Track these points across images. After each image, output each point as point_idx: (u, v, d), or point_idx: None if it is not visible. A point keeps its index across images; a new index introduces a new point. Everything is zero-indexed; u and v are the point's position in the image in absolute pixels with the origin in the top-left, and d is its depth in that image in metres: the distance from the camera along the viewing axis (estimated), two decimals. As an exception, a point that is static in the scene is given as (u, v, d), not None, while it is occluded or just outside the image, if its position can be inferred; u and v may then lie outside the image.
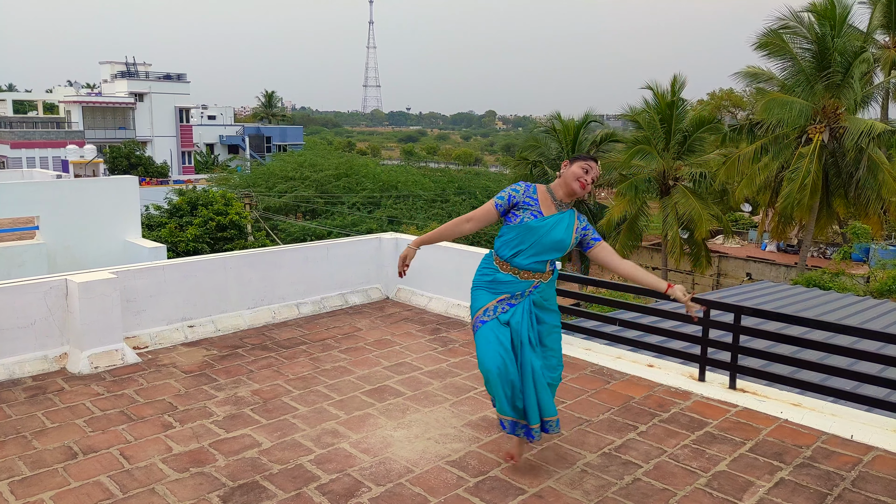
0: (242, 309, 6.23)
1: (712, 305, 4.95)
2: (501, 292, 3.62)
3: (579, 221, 3.66)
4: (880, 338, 4.32)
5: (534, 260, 3.58)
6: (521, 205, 3.61)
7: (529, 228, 3.56)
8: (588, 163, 3.62)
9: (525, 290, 3.61)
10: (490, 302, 3.62)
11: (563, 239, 3.59)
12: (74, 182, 12.86)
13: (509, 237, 3.62)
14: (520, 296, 3.61)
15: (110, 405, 4.54)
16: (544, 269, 3.64)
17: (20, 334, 5.03)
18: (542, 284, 3.65)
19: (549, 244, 3.57)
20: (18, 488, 3.53)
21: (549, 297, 3.73)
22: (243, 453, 3.92)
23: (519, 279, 3.60)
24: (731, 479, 3.72)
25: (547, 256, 3.61)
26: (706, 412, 4.56)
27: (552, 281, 3.73)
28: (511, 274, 3.60)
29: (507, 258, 3.61)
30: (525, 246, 3.58)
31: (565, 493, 3.57)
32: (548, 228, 3.57)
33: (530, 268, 3.59)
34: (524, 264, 3.59)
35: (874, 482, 3.70)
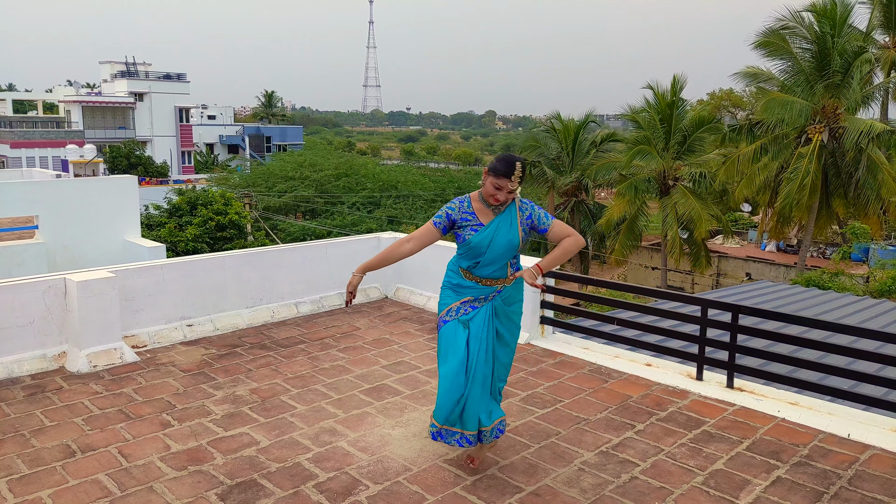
0: (241, 308, 6.23)
1: (710, 305, 4.97)
2: (465, 295, 3.65)
3: (521, 213, 3.64)
4: (878, 337, 4.33)
5: (493, 269, 3.61)
6: (460, 222, 3.61)
7: (477, 244, 3.56)
8: (500, 180, 3.50)
9: (488, 294, 3.64)
10: (454, 303, 3.66)
11: (510, 239, 3.58)
12: (74, 182, 12.87)
13: (463, 252, 3.65)
14: (483, 299, 3.64)
15: (109, 404, 4.55)
16: (505, 274, 3.65)
17: (19, 333, 5.04)
18: (505, 288, 3.67)
19: (500, 250, 3.56)
20: (17, 486, 3.54)
21: (514, 302, 3.74)
22: (241, 452, 3.93)
23: (482, 286, 3.63)
24: (728, 477, 3.73)
25: (504, 261, 3.61)
26: (703, 411, 4.57)
27: (517, 282, 3.73)
28: (474, 282, 3.64)
29: (468, 268, 3.64)
30: (479, 259, 3.59)
31: (562, 491, 3.58)
32: (491, 236, 3.56)
33: (492, 276, 3.62)
34: (485, 274, 3.61)
35: (870, 480, 3.70)
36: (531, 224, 3.66)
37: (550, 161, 29.80)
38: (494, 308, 3.65)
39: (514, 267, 3.68)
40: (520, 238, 3.60)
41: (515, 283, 3.73)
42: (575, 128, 29.89)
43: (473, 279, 3.63)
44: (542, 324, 5.98)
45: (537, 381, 5.07)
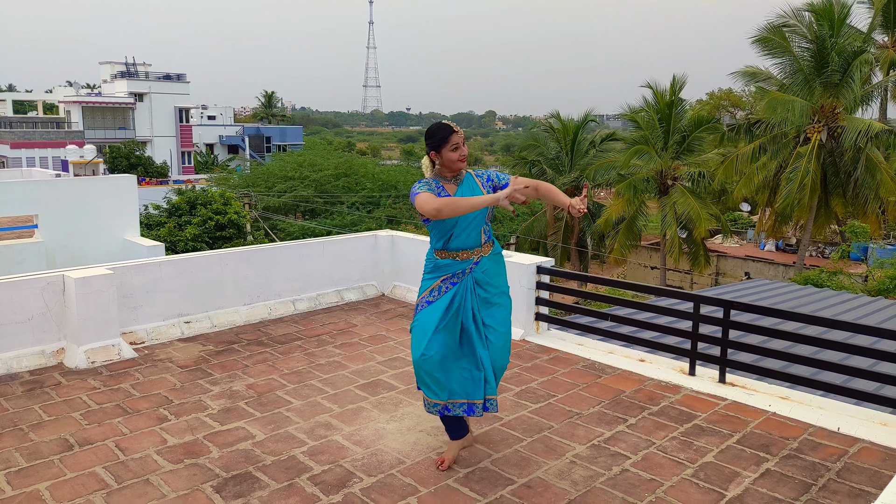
0: (238, 305, 6.28)
1: (702, 300, 5.01)
2: (444, 273, 3.68)
3: (479, 178, 3.72)
4: (872, 332, 4.37)
5: (466, 236, 3.64)
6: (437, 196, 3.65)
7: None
8: (451, 140, 3.58)
9: (465, 268, 3.66)
10: (434, 282, 3.68)
11: None
12: (73, 181, 12.93)
13: (435, 230, 3.69)
14: (461, 274, 3.66)
15: (106, 399, 4.59)
16: (480, 241, 3.68)
17: (18, 329, 5.08)
18: (483, 259, 3.69)
19: (470, 214, 3.58)
20: (15, 479, 3.59)
21: (495, 275, 3.74)
22: (237, 445, 3.98)
23: (458, 260, 3.66)
24: (718, 469, 3.77)
25: (475, 226, 3.64)
26: (695, 405, 4.62)
27: (496, 256, 3.76)
28: (449, 258, 3.67)
29: (442, 247, 3.68)
30: (453, 230, 3.63)
31: (554, 483, 3.62)
32: None
33: (465, 246, 3.65)
34: (458, 245, 3.65)
35: (859, 472, 3.75)
36: (493, 184, 3.71)
37: (550, 161, 29.85)
38: (476, 280, 3.67)
39: (487, 235, 3.72)
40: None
41: (495, 256, 3.75)
42: (574, 127, 29.94)
43: (450, 255, 3.67)
44: (537, 320, 6.02)
45: (531, 376, 5.12)
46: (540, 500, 3.46)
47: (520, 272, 5.91)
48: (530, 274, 5.91)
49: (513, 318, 5.89)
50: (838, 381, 5.07)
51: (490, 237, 3.76)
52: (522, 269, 5.90)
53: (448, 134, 3.61)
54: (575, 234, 29.55)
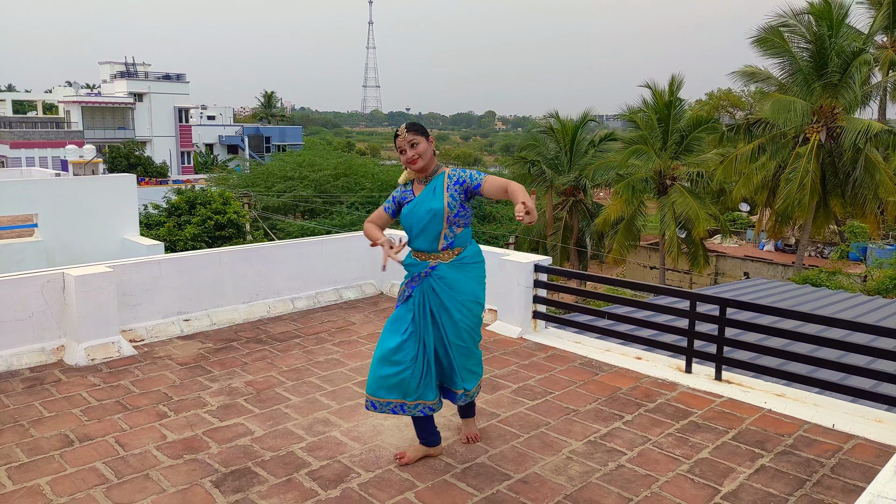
0: (238, 303, 6.31)
1: (699, 298, 5.04)
2: (409, 275, 3.74)
3: (449, 179, 3.62)
4: (865, 329, 4.40)
5: (422, 239, 3.64)
6: (402, 201, 3.76)
7: (404, 215, 3.70)
8: (397, 144, 3.64)
9: (422, 271, 3.65)
10: (404, 283, 3.76)
11: (432, 207, 3.56)
12: (72, 180, 12.95)
13: (405, 229, 3.75)
14: (418, 277, 3.67)
15: (106, 395, 4.62)
16: (437, 247, 3.61)
17: (18, 327, 5.11)
18: (440, 265, 3.61)
19: (424, 218, 3.58)
20: (16, 474, 3.61)
21: (455, 283, 3.60)
22: (236, 441, 4.00)
23: (418, 261, 3.69)
24: (713, 465, 3.80)
25: (431, 231, 3.58)
26: (691, 402, 4.65)
27: (461, 263, 3.64)
28: (414, 258, 3.72)
29: (410, 244, 3.75)
30: (412, 230, 3.67)
31: (550, 478, 3.65)
32: (417, 204, 3.63)
33: (423, 249, 3.66)
34: (417, 247, 3.69)
35: (853, 469, 3.78)
36: (463, 186, 3.59)
37: (549, 160, 29.88)
38: (432, 286, 3.61)
39: (448, 241, 3.61)
40: (443, 204, 3.54)
41: (461, 265, 3.63)
42: (573, 127, 29.97)
43: (414, 255, 3.73)
44: (535, 318, 6.05)
45: (528, 373, 5.15)
46: (536, 495, 3.49)
47: (517, 271, 5.94)
48: (528, 272, 5.94)
49: (511, 315, 5.96)
50: (835, 378, 5.10)
51: (455, 245, 3.64)
52: (520, 268, 5.93)
53: (394, 138, 3.68)
54: (574, 234, 29.59)
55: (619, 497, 3.48)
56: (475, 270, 3.71)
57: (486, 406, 4.55)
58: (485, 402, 4.61)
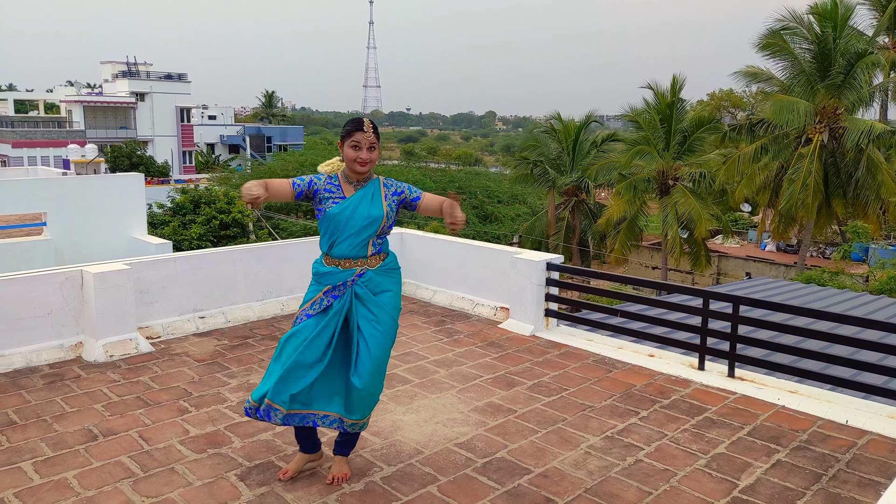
0: (251, 301, 6.36)
1: (711, 296, 5.09)
2: (325, 283, 3.43)
3: (386, 188, 3.48)
4: (877, 326, 4.46)
5: (349, 245, 3.39)
6: (323, 193, 3.43)
7: (334, 216, 3.38)
8: (353, 137, 3.36)
9: (347, 279, 3.40)
10: (317, 294, 3.43)
11: (371, 214, 3.39)
12: (81, 179, 13.01)
13: (322, 230, 3.46)
14: (342, 287, 3.41)
15: (126, 391, 4.67)
16: (366, 253, 3.42)
17: (37, 324, 5.16)
18: (368, 272, 3.43)
19: (360, 223, 3.38)
20: (42, 468, 3.66)
21: (382, 290, 3.47)
22: (258, 436, 4.05)
23: (339, 269, 3.40)
24: (730, 460, 3.85)
25: (363, 237, 3.40)
26: (705, 399, 4.70)
27: (385, 269, 3.50)
28: (333, 266, 3.42)
29: (327, 251, 3.44)
30: (337, 234, 3.40)
31: (570, 472, 3.70)
32: (352, 208, 3.39)
33: (348, 255, 3.40)
34: (340, 253, 3.40)
35: (867, 463, 3.83)
36: (401, 197, 3.50)
37: (551, 161, 29.93)
38: (355, 293, 3.41)
39: (376, 247, 3.46)
40: (383, 212, 3.41)
41: (385, 271, 3.50)
42: (575, 128, 30.04)
43: (333, 262, 3.42)
44: (547, 316, 6.10)
45: (543, 370, 5.20)
46: (557, 488, 3.54)
47: (530, 269, 5.99)
48: (540, 271, 5.99)
49: (524, 313, 6.02)
50: (847, 375, 5.15)
51: (381, 250, 3.50)
52: (532, 266, 5.98)
53: (353, 129, 3.38)
54: (576, 234, 29.65)
55: (639, 491, 3.53)
56: (396, 276, 3.57)
57: (503, 402, 4.60)
58: (501, 399, 4.66)
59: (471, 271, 6.76)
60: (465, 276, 6.83)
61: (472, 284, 6.74)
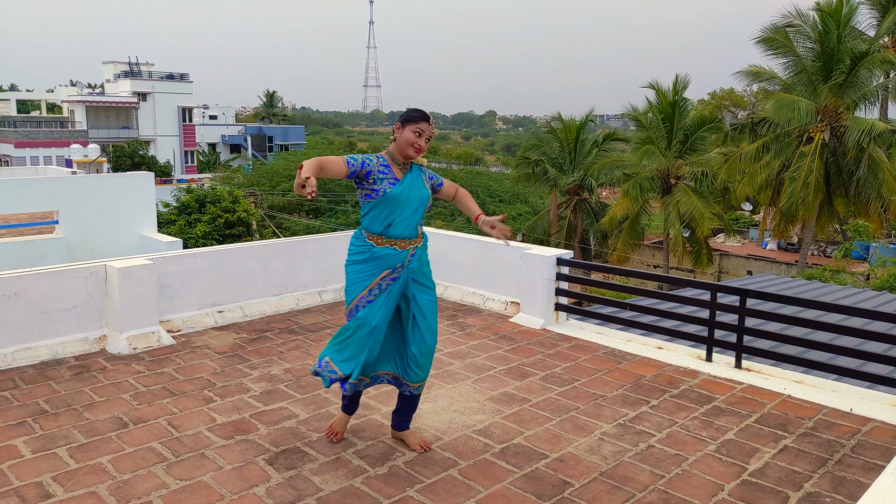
0: (268, 296, 6.50)
1: (719, 289, 5.23)
2: (382, 269, 3.58)
3: (422, 173, 3.73)
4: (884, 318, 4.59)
5: (406, 224, 3.59)
6: (377, 174, 3.56)
7: (394, 197, 3.54)
8: (419, 125, 3.56)
9: (405, 259, 3.61)
10: (373, 280, 3.58)
11: (423, 195, 3.65)
12: (92, 178, 13.15)
13: (376, 212, 3.58)
14: (400, 268, 3.61)
15: (152, 382, 4.82)
16: (417, 233, 3.66)
17: (63, 317, 5.31)
18: (417, 250, 3.68)
19: (415, 203, 3.60)
20: (77, 453, 3.81)
21: (425, 262, 3.76)
22: (283, 423, 4.20)
23: (398, 249, 3.58)
24: (739, 446, 4.00)
25: (417, 217, 3.63)
26: (713, 388, 4.84)
27: (425, 244, 3.76)
28: (388, 246, 3.57)
29: (381, 231, 3.57)
30: (395, 214, 3.56)
31: (585, 457, 3.85)
32: (408, 190, 3.59)
33: (405, 234, 3.59)
34: (398, 233, 3.58)
35: (872, 449, 3.97)
36: (432, 182, 3.77)
37: (552, 160, 30.08)
38: (411, 272, 3.66)
39: (421, 226, 3.73)
40: (429, 194, 3.70)
41: (425, 247, 3.75)
42: (577, 127, 30.18)
43: (387, 244, 3.57)
44: (557, 310, 6.24)
45: (555, 362, 5.34)
46: (573, 472, 3.69)
47: (540, 264, 6.13)
48: (551, 265, 6.13)
49: (535, 307, 6.17)
50: (852, 365, 5.28)
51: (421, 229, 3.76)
52: (543, 261, 6.12)
53: (420, 118, 3.58)
54: (578, 233, 29.79)
55: (652, 474, 3.67)
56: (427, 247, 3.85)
57: (517, 392, 4.75)
58: (516, 389, 4.80)
59: (482, 266, 6.91)
60: (476, 271, 6.97)
61: (483, 279, 6.88)
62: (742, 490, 3.52)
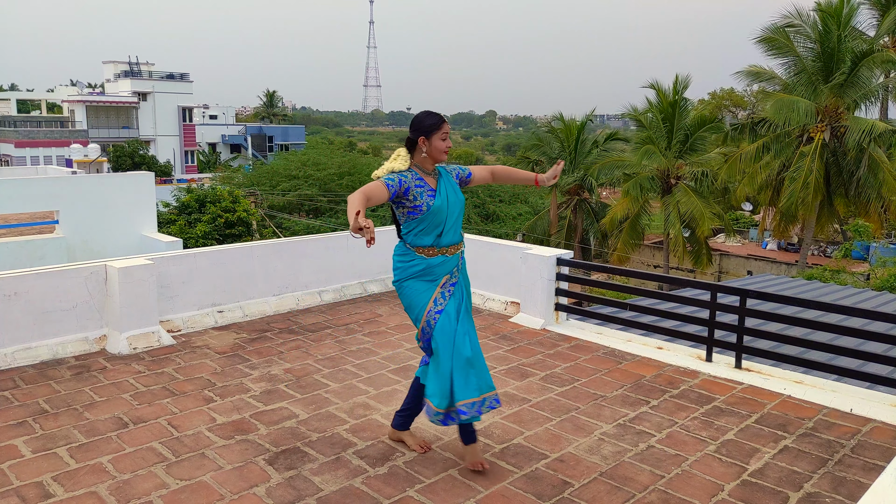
0: (268, 296, 6.50)
1: (719, 289, 5.23)
2: (439, 276, 3.58)
3: (449, 173, 3.72)
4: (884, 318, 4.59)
5: (454, 231, 3.61)
6: (415, 190, 3.51)
7: (438, 209, 3.53)
8: (443, 129, 3.57)
9: (457, 263, 3.65)
10: (434, 292, 3.55)
11: (460, 198, 3.66)
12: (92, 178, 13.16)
13: (423, 226, 3.53)
14: (456, 271, 3.64)
15: (152, 382, 4.82)
16: (461, 237, 3.70)
17: (63, 317, 5.31)
18: (462, 252, 3.73)
19: (457, 209, 3.62)
20: (77, 453, 3.81)
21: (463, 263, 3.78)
22: (283, 423, 4.20)
23: (448, 256, 3.60)
24: (739, 446, 4.00)
25: (460, 221, 3.65)
26: (713, 389, 4.84)
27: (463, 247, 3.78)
28: (441, 255, 3.57)
29: (432, 244, 3.55)
30: (443, 224, 3.56)
31: (585, 458, 3.85)
32: (447, 198, 3.58)
33: (454, 241, 3.62)
34: (449, 241, 3.59)
35: (872, 449, 3.97)
36: (459, 178, 3.76)
37: (552, 160, 30.07)
38: (461, 277, 3.69)
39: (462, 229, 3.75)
40: (463, 195, 3.72)
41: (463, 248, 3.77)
42: (577, 127, 30.19)
43: (440, 253, 3.57)
44: (557, 310, 6.24)
45: (555, 362, 5.34)
46: (573, 472, 3.69)
47: (540, 264, 6.13)
48: (551, 266, 6.13)
49: (534, 307, 6.18)
50: (852, 365, 5.28)
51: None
52: (543, 262, 6.12)
53: (441, 121, 3.56)
54: (578, 233, 29.79)
55: (652, 474, 3.67)
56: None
57: (517, 392, 4.75)
58: (516, 389, 4.81)
59: (482, 267, 6.90)
60: (475, 271, 6.91)
61: (483, 280, 6.87)
62: (742, 490, 3.52)
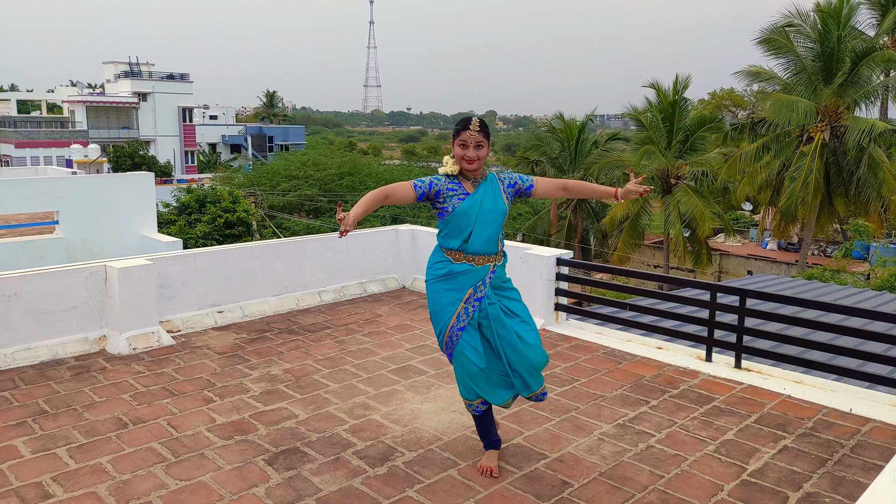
0: (268, 296, 6.50)
1: (719, 289, 5.23)
2: (465, 287, 3.49)
3: (501, 182, 3.58)
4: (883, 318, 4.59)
5: (483, 240, 3.48)
6: (445, 192, 3.48)
7: (464, 212, 3.44)
8: (460, 136, 3.48)
9: (484, 276, 3.49)
10: (458, 305, 3.49)
11: (497, 208, 3.50)
12: (92, 178, 13.16)
13: (450, 228, 3.50)
14: (482, 286, 3.50)
15: (152, 382, 4.82)
16: (496, 249, 3.54)
17: (63, 317, 5.31)
18: (497, 268, 3.56)
19: (489, 217, 3.47)
20: (77, 453, 3.81)
21: (506, 279, 3.65)
22: (282, 424, 4.20)
23: (475, 266, 3.48)
24: (738, 446, 4.00)
25: (493, 231, 3.49)
26: (713, 389, 4.84)
27: (504, 262, 3.64)
28: (466, 262, 3.48)
29: (459, 248, 3.49)
30: (470, 229, 3.46)
31: (584, 458, 3.85)
32: (480, 202, 3.47)
33: (483, 251, 3.49)
34: (476, 249, 3.48)
35: (871, 449, 3.97)
36: (515, 188, 3.61)
37: (552, 160, 30.09)
38: (493, 288, 3.54)
39: (502, 242, 3.60)
40: (506, 206, 3.53)
41: (504, 262, 3.63)
42: (577, 127, 30.19)
43: (465, 259, 3.48)
44: (557, 310, 6.24)
45: (554, 362, 5.34)
46: (573, 472, 3.69)
47: (540, 264, 6.13)
48: (550, 266, 6.12)
49: (534, 307, 6.17)
50: (852, 365, 5.28)
51: (503, 246, 3.64)
52: (543, 261, 6.12)
53: (460, 128, 3.49)
54: (578, 233, 29.79)
55: (651, 474, 3.68)
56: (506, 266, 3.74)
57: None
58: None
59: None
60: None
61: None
62: (742, 490, 3.52)
